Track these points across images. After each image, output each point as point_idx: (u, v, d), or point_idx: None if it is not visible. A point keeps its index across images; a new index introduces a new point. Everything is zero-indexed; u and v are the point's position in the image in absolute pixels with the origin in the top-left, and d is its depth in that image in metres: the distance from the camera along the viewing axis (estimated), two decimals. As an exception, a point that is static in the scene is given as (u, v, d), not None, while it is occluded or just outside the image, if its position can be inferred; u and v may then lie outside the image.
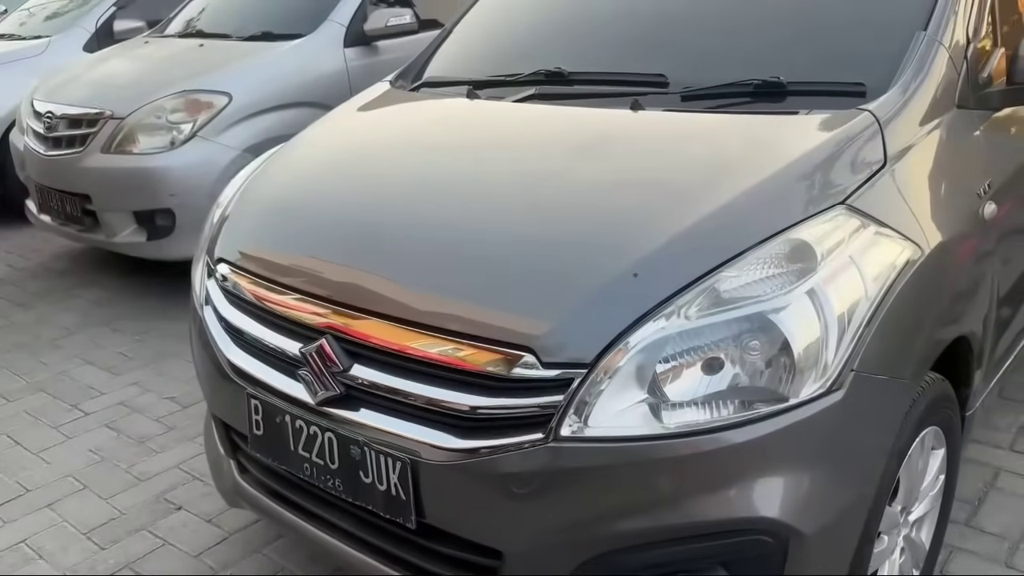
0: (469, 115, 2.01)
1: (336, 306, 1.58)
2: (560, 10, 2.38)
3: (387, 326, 1.50)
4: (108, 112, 3.74)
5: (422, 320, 1.47)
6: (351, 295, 1.58)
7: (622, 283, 1.35)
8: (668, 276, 1.34)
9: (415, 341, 1.46)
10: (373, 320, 1.52)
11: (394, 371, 1.49)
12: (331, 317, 1.58)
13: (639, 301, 1.33)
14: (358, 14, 4.10)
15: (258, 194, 1.97)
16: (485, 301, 1.44)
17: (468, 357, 1.41)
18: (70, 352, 3.48)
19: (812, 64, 1.81)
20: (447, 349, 1.43)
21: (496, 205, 1.60)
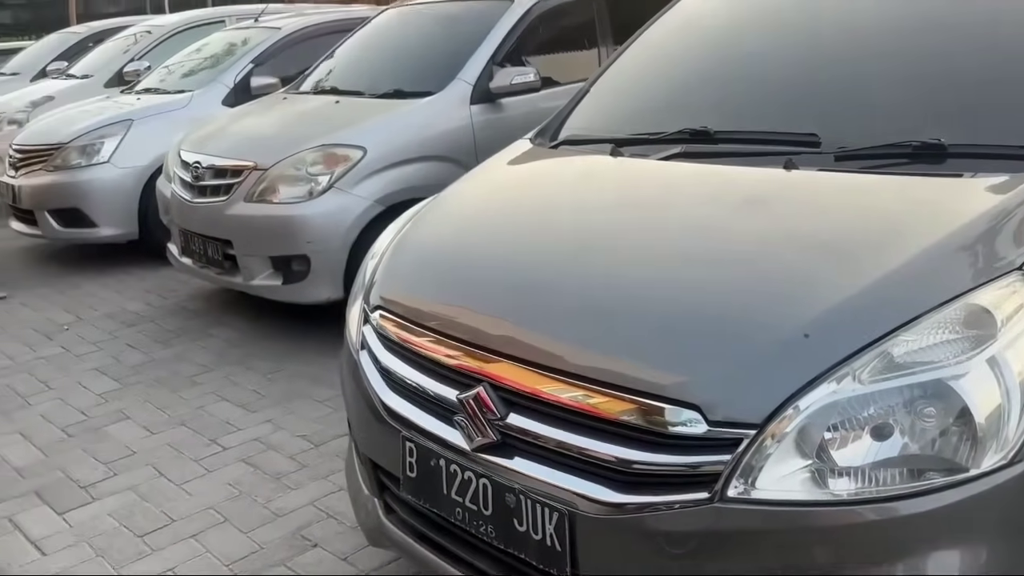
0: (616, 172, 2.06)
1: (493, 355, 1.63)
2: (701, 68, 2.42)
3: (545, 377, 1.54)
4: (252, 164, 3.98)
5: (581, 372, 1.50)
6: (509, 345, 1.63)
7: (793, 344, 1.35)
8: (841, 338, 1.34)
9: (574, 393, 1.49)
10: (531, 370, 1.56)
11: (552, 421, 1.52)
12: (488, 365, 1.63)
13: (811, 363, 1.32)
14: (484, 73, 4.25)
15: (413, 244, 2.07)
16: (647, 356, 1.46)
17: (629, 411, 1.42)
18: (207, 388, 3.67)
19: (974, 125, 1.78)
20: (607, 403, 1.45)
21: (654, 260, 1.63)
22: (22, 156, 5.77)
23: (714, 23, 2.60)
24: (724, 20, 2.57)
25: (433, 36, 4.82)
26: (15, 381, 3.84)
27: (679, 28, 2.65)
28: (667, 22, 2.73)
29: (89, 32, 10.01)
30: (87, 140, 5.52)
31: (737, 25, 2.52)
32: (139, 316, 4.65)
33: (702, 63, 2.44)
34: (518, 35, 4.44)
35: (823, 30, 2.26)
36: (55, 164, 5.55)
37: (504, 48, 4.37)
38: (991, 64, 1.88)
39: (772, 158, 1.84)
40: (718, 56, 2.43)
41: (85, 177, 5.47)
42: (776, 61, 2.25)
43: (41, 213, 5.59)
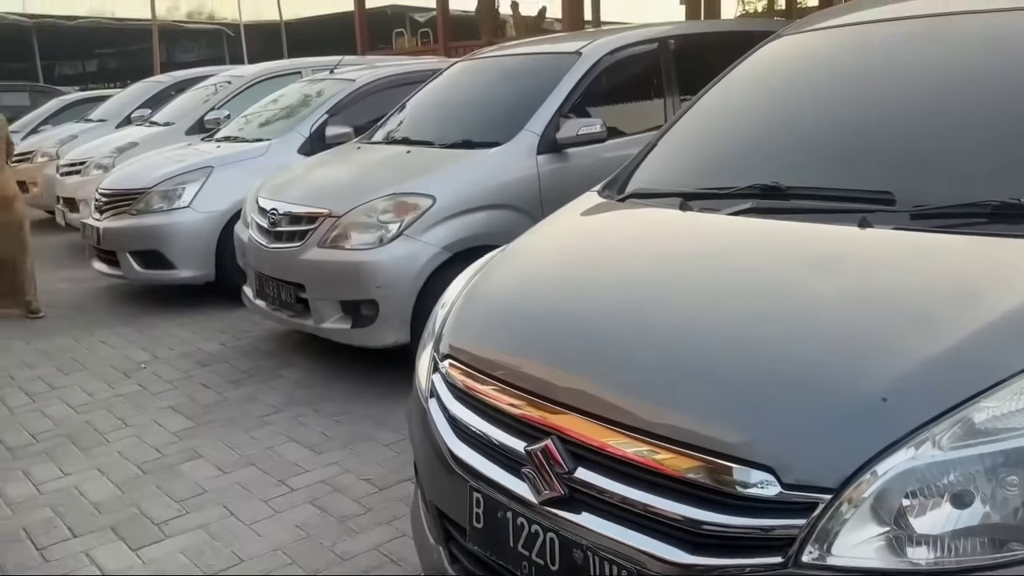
0: (685, 227, 2.07)
1: (562, 407, 1.65)
2: (772, 121, 2.42)
3: (614, 431, 1.54)
4: (327, 211, 4.11)
5: (652, 429, 1.50)
6: (578, 397, 1.64)
7: (870, 407, 1.33)
8: (920, 403, 1.31)
9: (642, 448, 1.49)
10: (601, 425, 1.57)
11: (621, 478, 1.52)
12: (557, 418, 1.64)
13: (889, 427, 1.30)
14: (551, 124, 4.32)
15: (484, 294, 2.10)
16: (718, 414, 1.46)
17: (700, 471, 1.42)
18: (276, 429, 3.75)
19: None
20: (676, 460, 1.45)
21: (725, 317, 1.63)
22: (107, 200, 6.06)
23: (785, 76, 2.61)
24: (796, 73, 2.58)
25: (501, 88, 4.93)
26: (95, 417, 3.99)
27: (750, 81, 2.67)
28: (737, 75, 2.75)
29: (172, 81, 10.50)
30: (169, 186, 5.78)
31: (809, 78, 2.52)
32: (213, 356, 4.80)
33: (773, 116, 2.44)
34: (585, 87, 4.51)
35: (899, 84, 2.25)
36: (138, 208, 5.82)
37: (571, 100, 4.44)
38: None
39: (846, 215, 1.83)
40: (789, 110, 2.43)
41: (166, 221, 5.71)
42: (849, 115, 2.24)
43: (123, 254, 5.84)
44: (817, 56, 2.56)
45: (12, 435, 3.82)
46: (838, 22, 2.71)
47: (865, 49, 2.47)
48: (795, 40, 2.74)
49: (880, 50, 2.42)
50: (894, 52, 2.34)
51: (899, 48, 2.33)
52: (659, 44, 4.92)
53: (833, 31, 2.67)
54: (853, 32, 2.60)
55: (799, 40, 2.74)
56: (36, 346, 5.16)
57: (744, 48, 2.92)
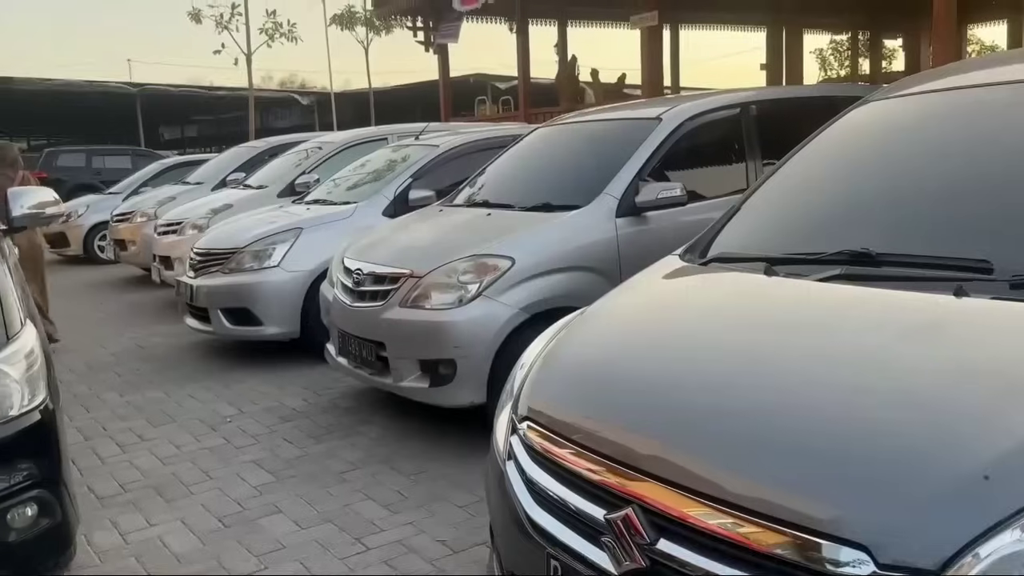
0: (772, 292, 2.03)
1: (644, 475, 1.62)
2: (861, 186, 2.38)
3: (699, 503, 1.50)
4: (409, 271, 4.21)
5: (738, 501, 1.45)
6: (661, 466, 1.61)
7: (972, 485, 1.27)
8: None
9: (729, 522, 1.45)
10: (684, 495, 1.53)
11: (705, 552, 1.48)
12: (639, 486, 1.61)
13: (992, 507, 1.24)
14: (630, 188, 4.35)
15: (564, 356, 2.11)
16: (809, 488, 1.41)
17: (789, 547, 1.37)
18: (354, 486, 3.78)
19: None
20: (767, 537, 1.40)
21: (816, 387, 1.58)
22: (201, 259, 6.33)
23: (874, 142, 2.57)
24: (885, 139, 2.54)
25: (581, 153, 5.01)
26: (181, 469, 4.10)
27: (837, 146, 2.64)
28: (824, 140, 2.72)
29: (266, 147, 10.99)
30: (261, 246, 6.01)
31: (900, 144, 2.48)
32: (295, 411, 4.91)
33: (861, 182, 2.40)
34: (665, 151, 4.54)
35: (994, 150, 2.19)
36: (230, 267, 6.06)
37: (651, 164, 4.47)
38: None
39: (940, 284, 1.77)
40: (879, 175, 2.39)
41: (256, 279, 5.92)
42: (942, 182, 2.19)
43: (214, 311, 6.07)
44: (907, 122, 2.52)
45: (102, 484, 3.96)
46: (928, 88, 2.67)
47: (957, 115, 2.42)
48: (884, 105, 2.71)
49: (973, 116, 2.36)
50: (988, 118, 2.28)
51: (993, 114, 2.28)
52: (740, 109, 4.93)
53: (924, 97, 2.63)
54: (945, 98, 2.55)
55: (888, 105, 2.70)
56: (129, 398, 5.38)
57: (827, 113, 2.90)
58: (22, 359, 2.57)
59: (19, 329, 2.64)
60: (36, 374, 2.60)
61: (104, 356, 6.59)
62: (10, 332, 2.60)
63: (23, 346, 2.60)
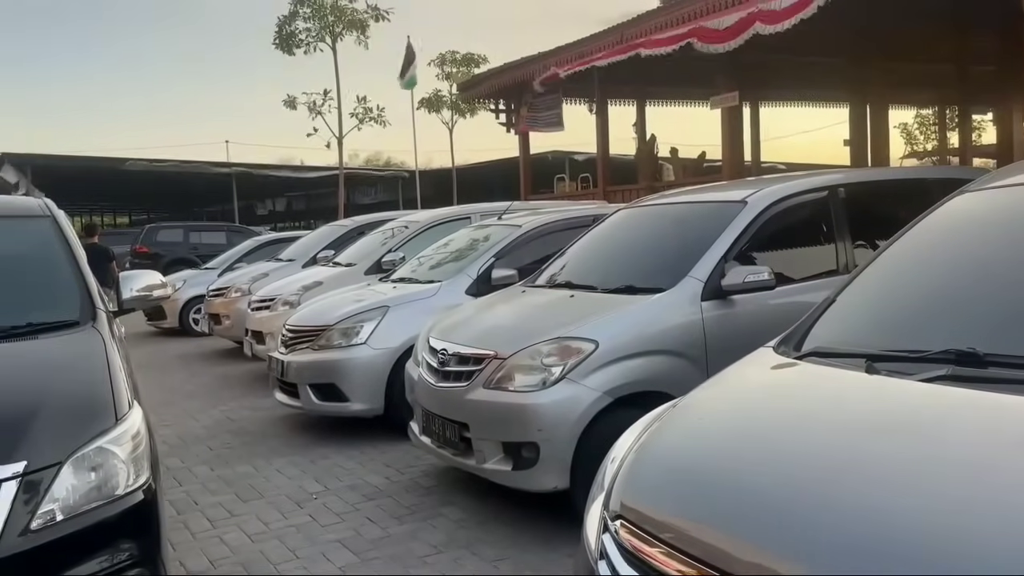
0: (875, 392, 1.98)
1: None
2: (967, 279, 2.32)
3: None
4: (493, 352, 4.25)
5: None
6: (758, 572, 1.56)
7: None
8: None
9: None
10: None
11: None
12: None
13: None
14: (716, 271, 4.33)
15: (658, 452, 2.08)
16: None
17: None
18: (435, 569, 3.77)
19: None
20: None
21: (921, 499, 1.52)
22: (293, 335, 6.54)
23: (975, 232, 2.51)
24: (987, 231, 2.48)
25: (665, 234, 5.02)
26: (268, 547, 4.16)
27: (937, 237, 2.58)
28: (923, 230, 2.66)
29: (355, 225, 11.38)
30: (350, 323, 6.17)
31: (1001, 235, 2.41)
32: (378, 490, 4.94)
33: (964, 276, 2.34)
34: (751, 235, 4.51)
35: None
36: (320, 344, 6.23)
37: (736, 247, 4.45)
38: None
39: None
40: (983, 269, 2.32)
41: (344, 356, 6.07)
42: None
43: (303, 387, 6.23)
44: (1007, 215, 2.45)
45: (193, 560, 4.05)
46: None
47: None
48: (982, 196, 2.65)
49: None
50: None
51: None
52: (828, 192, 4.88)
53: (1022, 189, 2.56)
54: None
55: (987, 196, 2.64)
56: (219, 472, 5.52)
57: (918, 196, 2.86)
58: (129, 440, 2.69)
59: (127, 410, 2.78)
60: (141, 455, 2.71)
61: (196, 429, 6.81)
62: (119, 413, 2.74)
63: (131, 427, 2.73)
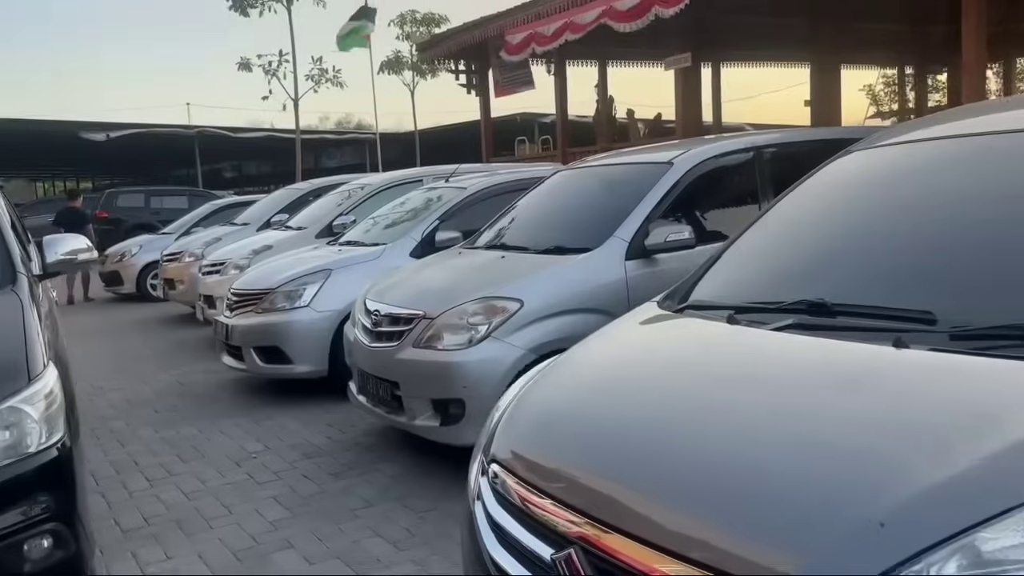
0: (729, 341, 2.11)
1: (589, 518, 1.70)
2: (827, 238, 2.45)
3: (637, 546, 1.57)
4: (422, 312, 4.35)
5: (671, 546, 1.52)
6: (604, 509, 1.68)
7: (868, 532, 1.32)
8: (919, 530, 1.30)
9: (663, 566, 1.52)
10: (623, 538, 1.61)
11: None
12: (583, 528, 1.69)
13: (885, 553, 1.29)
14: (640, 231, 4.44)
15: (532, 401, 2.20)
16: (730, 534, 1.47)
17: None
18: (365, 523, 3.89)
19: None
20: (683, 573, 1.47)
21: (750, 436, 1.65)
22: (237, 299, 6.58)
23: (846, 193, 2.63)
24: (855, 190, 2.60)
25: (595, 196, 5.12)
26: (203, 504, 4.27)
27: (812, 197, 2.70)
28: (803, 190, 2.78)
29: (310, 188, 11.35)
30: (292, 287, 6.23)
31: (867, 196, 2.54)
32: (318, 448, 5.05)
33: (828, 233, 2.47)
34: (676, 195, 4.62)
35: (954, 202, 2.24)
36: (263, 307, 6.29)
37: (661, 207, 4.56)
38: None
39: (884, 335, 1.83)
40: (843, 227, 2.45)
41: (287, 319, 6.13)
42: (900, 234, 2.24)
43: (247, 350, 6.29)
44: (878, 174, 2.58)
45: (127, 517, 4.14)
46: (909, 138, 2.72)
47: (928, 168, 2.47)
48: (865, 156, 2.76)
49: (942, 169, 2.41)
50: (955, 171, 2.33)
51: (961, 167, 2.33)
52: (754, 153, 4.99)
53: (902, 147, 2.68)
54: (921, 149, 2.60)
55: (869, 156, 2.75)
56: (163, 434, 5.60)
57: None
58: (42, 399, 2.76)
59: (41, 370, 2.84)
60: (55, 413, 2.78)
61: (145, 392, 6.86)
62: (32, 373, 2.80)
63: (44, 386, 2.79)
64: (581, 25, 11.49)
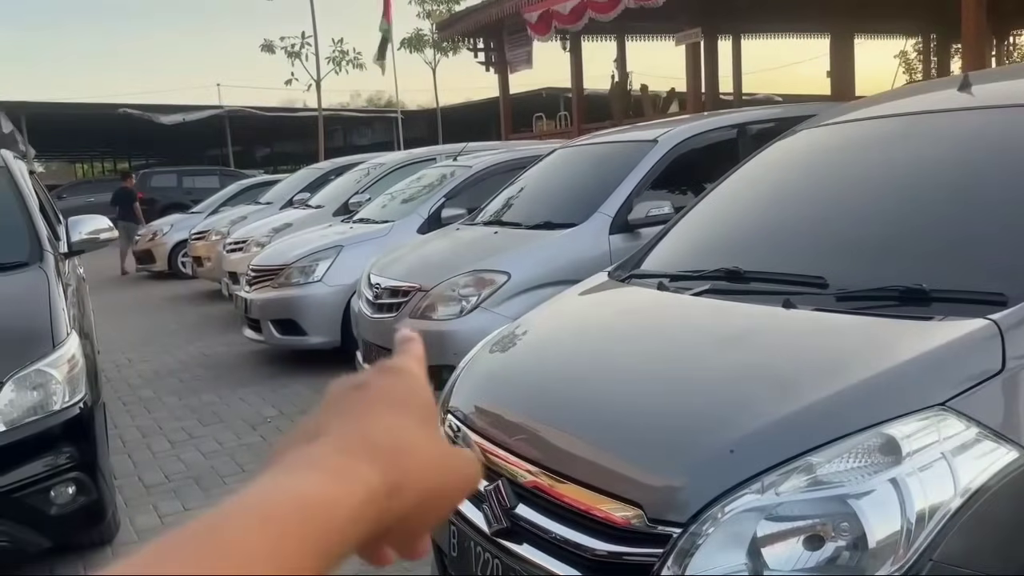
0: (651, 304, 2.38)
1: (512, 454, 1.99)
2: (756, 212, 2.70)
3: (544, 475, 1.87)
4: (418, 285, 4.65)
5: (569, 472, 1.81)
6: (522, 446, 1.98)
7: (720, 456, 1.59)
8: (761, 454, 1.57)
9: (562, 489, 1.81)
10: (536, 468, 1.90)
11: (547, 513, 1.84)
12: (506, 462, 1.99)
13: (732, 473, 1.56)
14: (624, 206, 4.68)
15: (482, 360, 2.50)
16: (614, 461, 1.76)
17: (598, 507, 1.72)
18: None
19: (961, 272, 1.93)
20: (584, 499, 1.75)
21: (642, 382, 1.93)
22: (256, 275, 6.94)
23: (781, 169, 2.87)
24: (788, 167, 2.83)
25: (585, 173, 5.36)
26: (219, 463, 4.64)
27: (753, 173, 2.94)
28: (749, 166, 3.02)
29: (331, 167, 11.68)
30: (306, 262, 6.57)
31: (798, 173, 2.78)
32: (327, 414, 5.39)
33: (757, 207, 2.71)
34: (660, 172, 4.85)
35: (867, 179, 2.47)
36: (279, 282, 6.64)
37: (645, 183, 4.79)
38: (982, 215, 2.02)
39: (780, 297, 2.08)
40: (772, 201, 2.69)
41: (301, 293, 6.48)
42: (817, 208, 2.48)
43: (265, 322, 6.66)
44: (816, 151, 2.82)
45: (150, 475, 4.53)
46: (850, 117, 2.94)
47: (858, 145, 2.70)
48: (809, 134, 2.99)
49: (869, 147, 2.64)
50: (879, 149, 2.56)
51: (886, 145, 2.56)
52: (738, 130, 5.19)
53: (842, 126, 2.90)
54: (856, 128, 2.82)
55: (813, 134, 2.98)
56: (186, 401, 5.99)
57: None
58: (65, 363, 3.11)
59: (64, 337, 3.19)
60: (77, 375, 3.14)
61: (172, 364, 7.28)
62: (56, 340, 3.15)
63: (67, 352, 3.15)
64: (604, 4, 11.60)
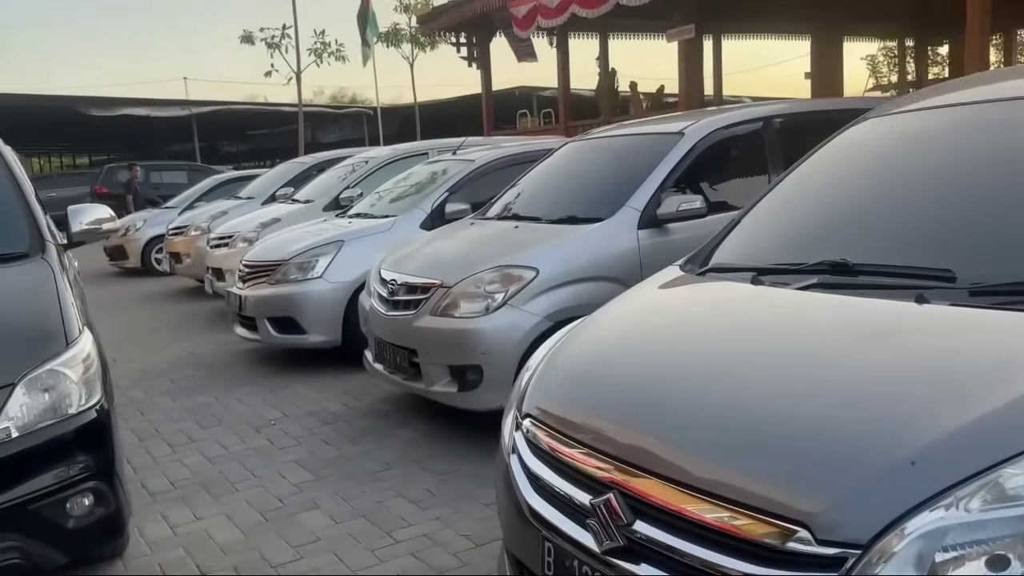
0: (755, 300, 2.19)
1: (624, 464, 1.80)
2: (848, 200, 2.53)
3: (669, 488, 1.68)
4: (439, 282, 4.43)
5: (701, 486, 1.62)
6: (638, 456, 1.78)
7: (900, 470, 1.42)
8: (947, 467, 1.39)
9: (694, 505, 1.62)
10: (656, 481, 1.71)
11: (673, 531, 1.65)
12: (619, 474, 1.79)
13: (917, 489, 1.39)
14: (652, 200, 4.51)
15: (563, 359, 2.30)
16: (763, 474, 1.57)
17: (743, 526, 1.53)
18: (387, 485, 4.00)
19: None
20: (723, 516, 1.56)
21: (779, 386, 1.75)
22: (249, 271, 6.65)
23: (868, 156, 2.70)
24: (874, 155, 2.68)
25: (606, 167, 5.18)
26: (227, 468, 4.38)
27: (831, 162, 2.78)
28: (821, 156, 2.86)
29: (314, 162, 11.39)
30: (305, 258, 6.30)
31: (886, 160, 2.62)
32: (335, 415, 5.16)
33: (848, 196, 2.55)
34: (687, 165, 4.69)
35: (972, 164, 2.32)
36: (276, 278, 6.37)
37: (673, 177, 4.63)
38: None
39: (905, 292, 1.92)
40: (863, 190, 2.53)
41: (300, 290, 6.21)
42: (920, 196, 2.32)
43: (261, 320, 6.37)
44: (893, 139, 2.66)
45: (154, 481, 4.25)
46: (925, 105, 2.79)
47: (945, 133, 2.55)
48: (880, 122, 2.84)
49: (958, 133, 2.49)
50: (964, 136, 2.41)
51: (970, 132, 2.41)
52: (763, 123, 5.05)
53: (918, 114, 2.75)
54: (930, 116, 2.68)
55: (884, 122, 2.83)
56: (181, 403, 5.70)
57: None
58: (80, 363, 2.85)
59: (77, 335, 2.92)
60: (93, 376, 2.87)
61: (159, 364, 6.95)
62: (69, 338, 2.88)
63: (81, 351, 2.88)
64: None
